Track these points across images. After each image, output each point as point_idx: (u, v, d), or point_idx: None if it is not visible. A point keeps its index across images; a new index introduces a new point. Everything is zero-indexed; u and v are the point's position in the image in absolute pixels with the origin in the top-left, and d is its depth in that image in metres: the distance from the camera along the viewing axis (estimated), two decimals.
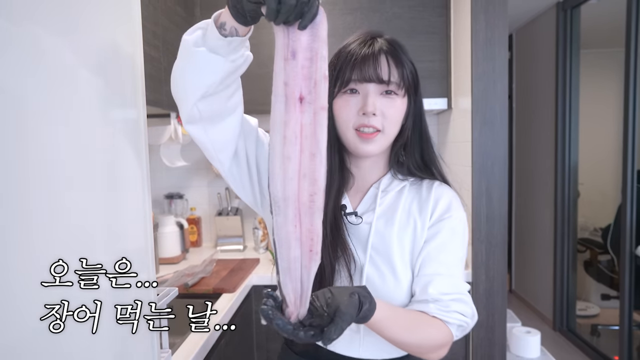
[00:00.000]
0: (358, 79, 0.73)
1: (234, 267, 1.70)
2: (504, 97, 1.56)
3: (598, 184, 3.29)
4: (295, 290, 0.58)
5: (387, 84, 0.73)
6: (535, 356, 1.83)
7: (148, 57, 1.32)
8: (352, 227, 0.77)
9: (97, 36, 0.59)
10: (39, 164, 0.47)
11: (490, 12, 1.54)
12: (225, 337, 1.29)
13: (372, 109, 0.72)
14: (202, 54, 0.61)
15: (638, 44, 2.18)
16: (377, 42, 0.75)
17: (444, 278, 0.73)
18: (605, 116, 3.31)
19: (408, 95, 0.77)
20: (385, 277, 0.75)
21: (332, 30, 2.29)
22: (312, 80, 0.52)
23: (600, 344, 2.74)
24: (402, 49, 0.77)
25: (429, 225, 0.77)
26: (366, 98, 0.73)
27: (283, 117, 0.53)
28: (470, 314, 0.74)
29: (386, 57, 0.74)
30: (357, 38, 0.78)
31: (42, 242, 0.48)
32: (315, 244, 0.56)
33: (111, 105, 0.63)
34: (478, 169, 1.58)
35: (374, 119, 0.73)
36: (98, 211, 0.59)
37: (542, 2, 2.83)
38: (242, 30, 0.60)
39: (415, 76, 0.78)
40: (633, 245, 2.29)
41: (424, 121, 0.81)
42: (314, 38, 0.51)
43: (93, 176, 0.57)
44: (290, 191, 0.54)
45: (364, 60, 0.73)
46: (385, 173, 0.82)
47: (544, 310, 3.18)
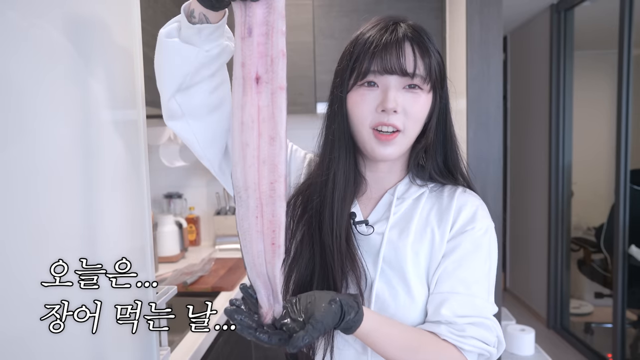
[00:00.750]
0: (378, 70, 0.62)
1: (232, 265, 1.72)
2: (499, 98, 1.58)
3: (591, 184, 3.33)
4: (265, 287, 0.55)
5: (411, 77, 0.62)
6: (530, 354, 1.85)
7: (147, 58, 1.32)
8: (362, 238, 0.68)
9: (97, 38, 0.59)
10: (39, 164, 0.48)
11: (485, 14, 1.57)
12: (223, 336, 1.30)
13: (394, 105, 0.61)
14: (174, 44, 0.58)
15: (631, 46, 2.21)
16: (400, 27, 0.64)
17: (461, 297, 0.63)
18: (599, 117, 3.35)
19: (434, 91, 0.66)
20: (398, 294, 0.65)
21: (329, 32, 2.31)
22: (268, 58, 0.48)
23: (594, 341, 2.77)
24: (429, 36, 0.66)
25: (448, 238, 0.67)
26: (386, 92, 0.62)
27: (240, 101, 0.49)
28: (493, 342, 0.64)
29: (411, 45, 0.63)
30: (376, 23, 0.67)
31: (42, 242, 0.48)
32: (277, 236, 0.52)
33: (111, 106, 0.63)
34: (473, 169, 1.60)
35: (395, 117, 0.62)
36: (98, 211, 0.59)
37: (536, 4, 2.86)
38: (213, 17, 0.56)
39: (442, 68, 0.67)
40: (626, 244, 2.32)
41: (449, 120, 0.70)
42: (269, 10, 0.47)
43: (93, 176, 0.58)
44: (250, 180, 0.51)
45: (385, 48, 0.62)
46: (402, 178, 0.72)
47: (538, 309, 3.21)
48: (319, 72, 1.84)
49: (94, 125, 0.59)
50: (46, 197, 0.49)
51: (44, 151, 0.48)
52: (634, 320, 2.62)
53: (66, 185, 0.52)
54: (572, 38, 2.82)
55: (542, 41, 3.01)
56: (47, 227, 0.49)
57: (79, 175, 0.54)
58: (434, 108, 0.67)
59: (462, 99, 1.64)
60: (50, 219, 0.49)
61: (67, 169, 0.52)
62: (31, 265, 0.47)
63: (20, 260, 0.45)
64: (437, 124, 0.69)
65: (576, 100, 2.88)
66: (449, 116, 0.70)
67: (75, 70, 0.54)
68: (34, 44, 0.47)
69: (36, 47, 0.48)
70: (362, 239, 0.68)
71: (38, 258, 0.47)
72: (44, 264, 0.48)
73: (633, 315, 2.63)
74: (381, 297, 0.66)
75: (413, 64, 0.62)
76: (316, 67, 1.84)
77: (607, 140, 3.10)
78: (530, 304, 3.34)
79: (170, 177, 2.18)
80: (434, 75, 0.65)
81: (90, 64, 0.57)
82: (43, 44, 0.49)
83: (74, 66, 0.54)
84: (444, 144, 0.71)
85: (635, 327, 2.64)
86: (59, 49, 0.51)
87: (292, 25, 1.84)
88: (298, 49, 1.84)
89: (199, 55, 0.58)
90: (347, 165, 0.68)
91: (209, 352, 1.18)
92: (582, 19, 2.82)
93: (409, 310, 0.65)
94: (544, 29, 2.97)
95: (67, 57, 0.53)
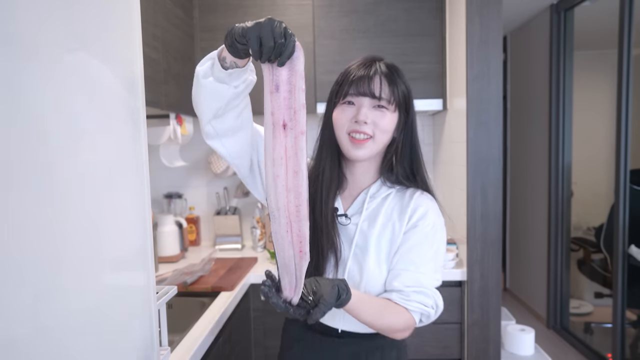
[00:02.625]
0: (354, 93, 0.86)
1: (233, 265, 1.72)
2: (499, 98, 1.58)
3: (591, 184, 3.33)
4: (290, 283, 0.71)
5: (378, 99, 0.85)
6: (529, 353, 1.86)
7: (148, 58, 1.33)
8: (341, 227, 0.91)
9: (97, 38, 0.60)
10: (39, 164, 0.48)
11: (485, 14, 1.57)
12: (223, 335, 1.31)
13: (364, 118, 0.85)
14: (210, 83, 0.73)
15: (631, 46, 2.21)
16: (375, 64, 0.87)
17: (410, 273, 0.86)
18: (599, 117, 3.35)
19: (399, 111, 0.88)
20: (364, 271, 0.88)
21: (329, 32, 2.31)
22: (291, 110, 0.61)
23: (594, 341, 2.78)
24: (398, 72, 0.88)
25: (405, 230, 0.89)
26: (360, 109, 0.86)
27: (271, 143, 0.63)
28: (431, 305, 0.86)
29: (380, 76, 0.86)
30: (360, 61, 0.89)
31: (42, 242, 0.48)
32: (304, 245, 0.67)
33: (111, 106, 0.64)
34: (473, 168, 1.60)
35: (366, 126, 0.85)
36: (98, 211, 0.59)
37: (536, 4, 2.86)
38: (241, 62, 0.70)
39: (407, 96, 0.89)
40: (625, 244, 2.32)
41: (414, 136, 0.92)
42: (292, 72, 0.61)
43: (93, 176, 0.58)
44: (280, 203, 0.65)
45: (361, 78, 0.85)
46: (376, 180, 0.94)
47: (538, 309, 3.21)
48: (319, 72, 1.84)
49: (94, 125, 0.59)
50: (46, 197, 0.49)
51: (43, 151, 0.49)
52: (633, 320, 2.62)
53: (66, 185, 0.52)
54: (572, 38, 2.82)
55: (542, 41, 3.01)
56: (47, 227, 0.49)
57: (78, 175, 0.55)
58: (400, 124, 0.89)
59: (462, 99, 1.64)
60: (50, 219, 0.49)
61: (66, 168, 0.52)
62: (31, 265, 0.46)
63: (20, 260, 0.45)
64: (405, 138, 0.91)
65: (576, 100, 2.89)
66: (414, 132, 0.92)
67: (74, 71, 0.54)
68: (33, 43, 0.47)
69: (35, 47, 0.48)
70: (341, 228, 0.91)
71: (38, 258, 0.47)
72: (44, 264, 0.48)
73: (633, 315, 2.64)
74: (352, 272, 0.89)
75: (379, 89, 0.85)
76: (316, 67, 1.84)
77: (606, 140, 3.11)
78: (530, 303, 3.34)
79: (170, 177, 2.18)
80: (398, 99, 0.87)
81: (90, 64, 0.58)
82: (43, 43, 0.49)
83: (73, 66, 0.54)
84: (410, 154, 0.92)
85: (635, 327, 2.64)
86: (58, 49, 0.52)
87: (292, 26, 1.84)
88: None
89: (229, 91, 0.74)
90: (332, 164, 0.91)
91: (209, 352, 1.18)
92: (582, 19, 2.82)
93: (373, 282, 0.88)
94: (544, 29, 2.97)
95: (66, 57, 0.53)
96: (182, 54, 1.69)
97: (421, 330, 1.67)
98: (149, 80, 1.34)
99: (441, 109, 1.85)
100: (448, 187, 1.89)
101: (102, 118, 0.61)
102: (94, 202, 0.58)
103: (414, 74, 1.83)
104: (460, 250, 1.73)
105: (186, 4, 1.77)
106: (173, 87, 1.58)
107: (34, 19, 0.47)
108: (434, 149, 2.15)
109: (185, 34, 1.74)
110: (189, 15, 1.81)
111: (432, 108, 1.84)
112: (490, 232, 1.61)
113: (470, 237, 1.62)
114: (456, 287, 1.66)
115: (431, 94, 1.83)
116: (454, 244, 1.76)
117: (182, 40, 1.71)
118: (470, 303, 1.63)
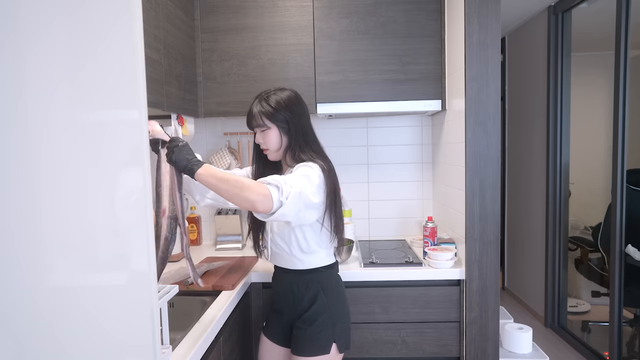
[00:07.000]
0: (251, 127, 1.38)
1: (233, 265, 1.73)
2: (497, 98, 1.59)
3: (588, 184, 3.35)
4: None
5: (253, 128, 1.37)
6: (527, 352, 1.87)
7: (149, 59, 1.34)
8: None
9: (98, 38, 0.60)
10: (40, 164, 0.48)
11: (483, 16, 1.58)
12: (224, 333, 1.32)
13: (257, 141, 1.38)
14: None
15: (627, 47, 2.23)
16: (255, 102, 1.35)
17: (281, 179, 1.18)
18: (596, 117, 3.37)
19: (277, 126, 1.33)
20: None
21: (329, 33, 2.31)
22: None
23: (591, 340, 2.79)
24: (268, 101, 1.33)
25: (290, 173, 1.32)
26: (256, 135, 1.39)
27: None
28: (282, 183, 1.16)
29: (252, 112, 1.34)
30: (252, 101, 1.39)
31: (42, 242, 0.48)
32: None
33: (112, 106, 0.63)
34: (471, 168, 1.61)
35: (262, 144, 1.37)
36: (99, 211, 0.59)
37: (533, 6, 2.88)
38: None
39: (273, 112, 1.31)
40: (622, 244, 2.34)
41: (305, 132, 1.35)
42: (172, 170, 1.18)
43: (94, 176, 0.58)
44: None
45: (247, 118, 1.38)
46: (291, 164, 1.37)
47: (535, 307, 3.23)
48: (319, 73, 1.85)
49: (95, 125, 0.59)
50: (46, 196, 0.49)
51: (44, 151, 0.49)
52: (630, 319, 2.64)
53: (67, 185, 0.52)
54: (570, 39, 2.84)
55: (539, 42, 3.03)
56: (47, 227, 0.49)
57: (79, 175, 0.55)
58: (286, 130, 1.33)
59: (460, 100, 1.65)
60: (50, 219, 0.50)
61: (67, 168, 0.52)
62: (31, 265, 0.47)
63: (20, 260, 0.45)
64: (297, 135, 1.34)
65: (573, 101, 2.91)
66: (304, 130, 1.35)
67: (76, 71, 0.54)
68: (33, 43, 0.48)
69: (35, 47, 0.48)
70: None
71: (38, 258, 0.48)
72: (44, 264, 0.48)
73: (629, 313, 2.66)
74: None
75: (254, 122, 1.35)
76: (316, 68, 1.85)
77: (604, 140, 3.13)
78: (528, 302, 3.36)
79: None
80: (268, 121, 1.32)
81: (92, 64, 0.58)
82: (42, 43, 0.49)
83: (75, 67, 0.54)
84: (300, 146, 1.35)
85: (631, 325, 2.66)
86: (59, 50, 0.52)
87: (293, 27, 1.86)
88: (299, 50, 1.85)
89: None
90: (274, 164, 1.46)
91: (210, 350, 1.19)
92: (580, 21, 2.84)
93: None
94: (542, 30, 2.99)
95: (67, 57, 0.53)
96: (183, 55, 1.70)
97: (420, 329, 1.68)
98: (150, 81, 1.35)
99: (440, 109, 1.86)
100: (447, 187, 1.91)
101: (104, 118, 0.62)
102: (94, 201, 0.58)
103: (414, 75, 1.84)
104: (458, 250, 1.74)
105: (187, 6, 1.78)
106: (174, 88, 1.59)
107: (34, 29, 0.48)
108: (432, 149, 2.16)
109: (186, 35, 1.75)
110: (190, 17, 1.82)
111: (431, 109, 1.86)
112: (489, 232, 1.63)
113: (468, 236, 1.63)
114: (455, 286, 1.68)
115: (430, 95, 1.85)
116: (453, 244, 1.78)
117: (184, 42, 1.72)
118: (468, 302, 1.65)
